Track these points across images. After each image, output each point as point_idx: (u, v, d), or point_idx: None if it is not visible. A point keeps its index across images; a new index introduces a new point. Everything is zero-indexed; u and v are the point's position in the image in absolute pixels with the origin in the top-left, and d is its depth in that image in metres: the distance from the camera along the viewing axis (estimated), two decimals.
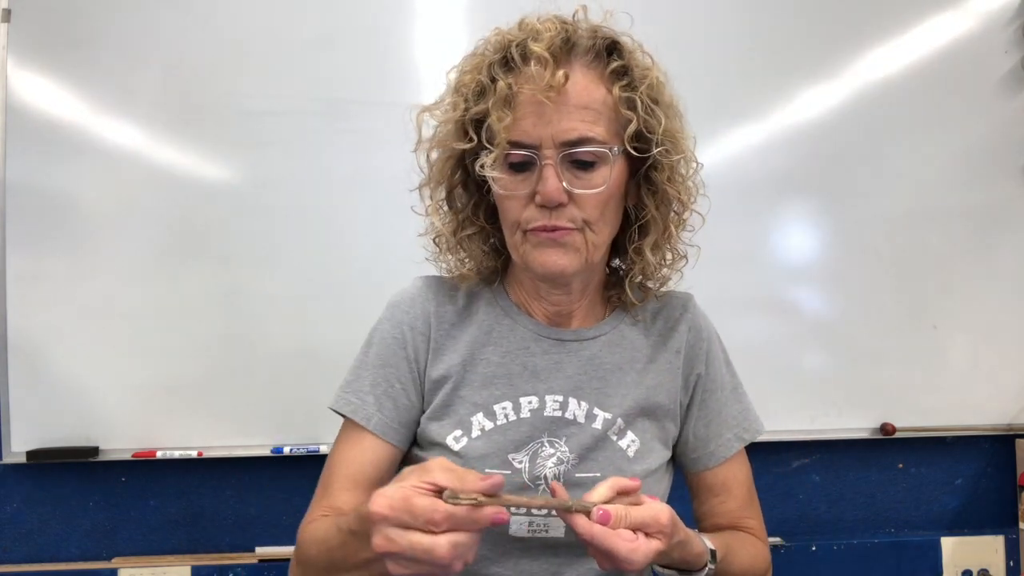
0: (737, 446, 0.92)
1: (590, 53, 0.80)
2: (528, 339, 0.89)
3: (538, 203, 0.78)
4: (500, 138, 0.77)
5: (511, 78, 0.78)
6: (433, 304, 0.90)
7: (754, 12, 1.66)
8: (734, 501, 0.93)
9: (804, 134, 1.66)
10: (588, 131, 0.78)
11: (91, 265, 1.52)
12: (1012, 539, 1.71)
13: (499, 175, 0.79)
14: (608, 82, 0.80)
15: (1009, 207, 1.71)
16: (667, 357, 0.91)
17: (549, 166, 0.77)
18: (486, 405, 0.86)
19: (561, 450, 0.84)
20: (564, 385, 0.87)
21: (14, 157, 1.50)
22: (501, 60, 0.80)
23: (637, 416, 0.88)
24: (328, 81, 1.56)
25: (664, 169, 0.83)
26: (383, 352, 0.88)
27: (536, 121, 0.77)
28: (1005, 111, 1.70)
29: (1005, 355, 1.71)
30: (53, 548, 1.58)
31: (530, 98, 0.77)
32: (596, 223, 0.81)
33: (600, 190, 0.79)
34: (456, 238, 0.89)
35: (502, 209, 0.83)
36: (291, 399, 1.54)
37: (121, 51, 1.52)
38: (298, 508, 0.85)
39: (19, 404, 1.50)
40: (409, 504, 0.60)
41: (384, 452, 0.86)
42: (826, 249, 1.69)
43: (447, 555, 0.59)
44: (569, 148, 0.78)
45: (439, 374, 0.87)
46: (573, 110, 0.78)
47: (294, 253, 1.55)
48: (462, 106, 0.81)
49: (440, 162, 0.87)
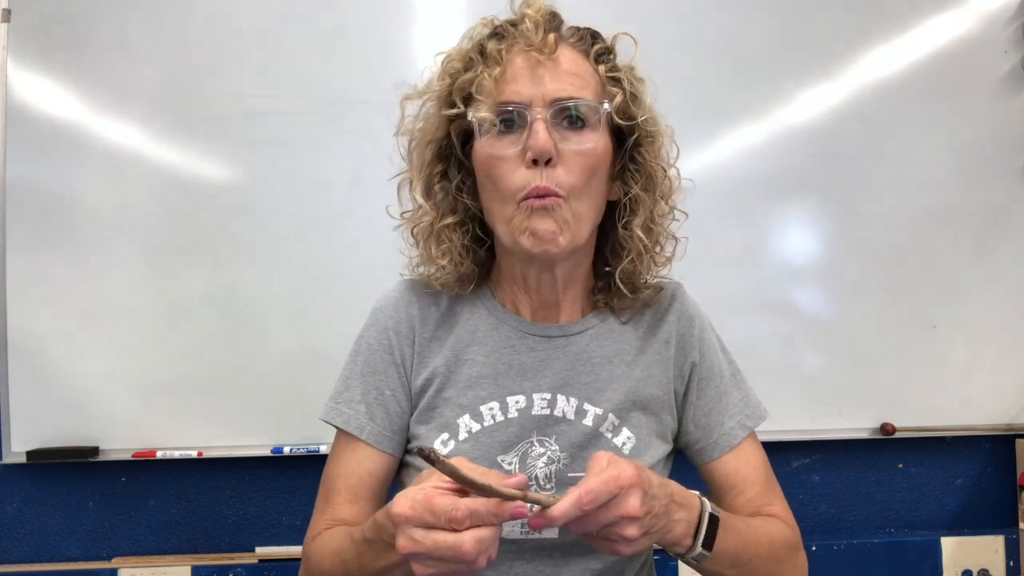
0: (741, 434, 0.89)
1: (575, 36, 0.83)
2: (513, 337, 0.87)
3: (528, 160, 0.77)
4: (491, 94, 0.77)
5: (502, 44, 0.79)
6: (416, 307, 0.89)
7: (754, 12, 1.66)
8: (751, 490, 0.88)
9: (804, 134, 1.66)
10: (578, 92, 0.79)
11: (91, 265, 1.52)
12: (1012, 539, 1.71)
13: (489, 125, 0.79)
14: (593, 62, 0.82)
15: (1009, 207, 1.71)
16: (657, 347, 0.89)
17: (539, 120, 0.77)
18: (472, 406, 0.84)
19: (551, 449, 0.83)
20: (552, 382, 0.85)
21: (14, 157, 1.50)
22: (491, 33, 0.82)
23: (630, 410, 0.86)
24: (328, 81, 1.56)
25: (648, 143, 0.83)
26: (371, 360, 0.87)
27: (527, 82, 0.78)
28: (1005, 111, 1.70)
29: (1005, 355, 1.71)
30: (53, 548, 1.58)
31: (522, 62, 0.79)
32: (580, 192, 0.79)
33: (589, 147, 0.79)
34: (435, 228, 0.86)
35: (492, 178, 0.80)
36: (291, 399, 1.54)
37: (121, 51, 1.53)
38: (298, 508, 0.86)
39: (19, 404, 1.50)
40: (431, 503, 0.60)
41: (380, 461, 0.86)
42: (826, 249, 1.69)
43: (472, 550, 0.59)
44: (560, 104, 0.78)
45: (424, 377, 0.86)
46: (563, 74, 0.79)
47: (294, 253, 1.55)
48: (448, 80, 0.82)
49: (421, 147, 0.86)
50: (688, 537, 0.72)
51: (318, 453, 1.54)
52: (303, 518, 0.83)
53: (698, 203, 0.91)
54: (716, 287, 1.58)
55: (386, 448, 0.86)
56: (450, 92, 0.81)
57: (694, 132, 1.62)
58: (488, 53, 0.79)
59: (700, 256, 0.94)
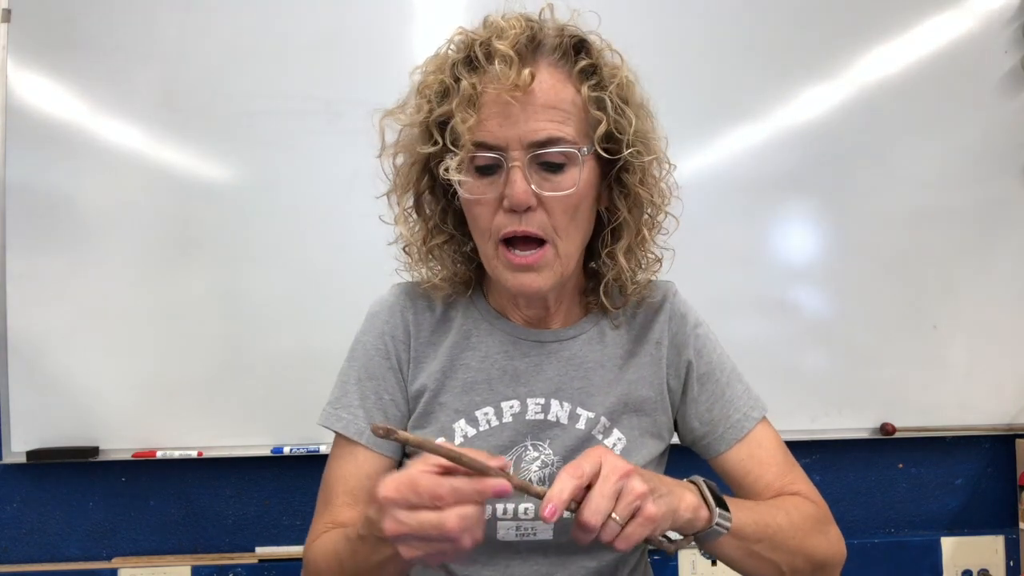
0: (748, 426, 0.88)
1: (556, 52, 0.78)
2: (507, 343, 0.87)
3: (506, 208, 0.76)
4: (465, 140, 0.74)
5: (475, 78, 0.75)
6: (411, 312, 0.89)
7: (754, 12, 1.65)
8: (769, 472, 0.86)
9: (804, 134, 1.66)
10: (557, 131, 0.75)
11: (91, 265, 1.52)
12: (1012, 539, 1.71)
13: (466, 179, 0.77)
14: (576, 81, 0.78)
15: (1009, 207, 1.70)
16: (648, 349, 0.89)
17: (516, 168, 0.75)
18: (467, 411, 0.85)
19: (545, 453, 0.84)
20: (545, 387, 0.86)
21: (14, 157, 1.50)
22: (465, 60, 0.77)
23: (622, 413, 0.86)
24: (328, 81, 1.56)
25: (636, 171, 0.80)
26: (368, 365, 0.88)
27: (502, 122, 0.75)
28: (1005, 111, 1.70)
29: (1005, 355, 1.71)
30: (53, 548, 1.58)
31: (495, 98, 0.75)
32: (565, 231, 0.78)
33: (570, 192, 0.76)
34: (426, 247, 0.87)
35: (471, 216, 0.81)
36: (291, 399, 1.54)
37: (121, 51, 1.53)
38: (298, 508, 0.86)
39: (19, 404, 1.50)
40: (414, 483, 0.60)
41: (380, 464, 0.86)
42: (826, 249, 1.69)
43: (456, 527, 0.59)
44: (537, 149, 0.75)
45: (421, 382, 0.87)
46: (540, 110, 0.75)
47: (294, 253, 1.55)
48: (426, 108, 0.79)
49: (406, 167, 0.85)
50: (702, 506, 0.71)
51: (318, 453, 1.54)
52: (303, 518, 0.83)
53: (698, 203, 0.92)
54: (716, 287, 1.58)
55: (385, 451, 0.86)
56: (427, 125, 0.79)
57: (694, 132, 1.62)
58: (463, 92, 0.75)
59: (700, 256, 0.94)
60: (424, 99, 0.79)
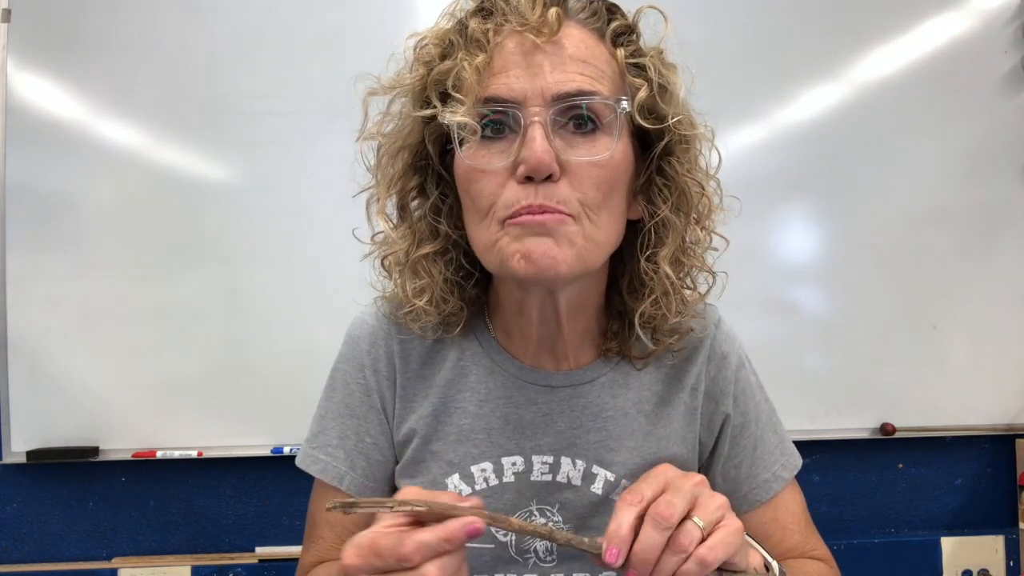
0: (777, 487, 0.77)
1: (586, 10, 0.65)
2: (511, 386, 0.73)
3: (520, 176, 0.60)
4: (472, 90, 0.60)
5: (489, 23, 0.62)
6: (397, 341, 0.75)
7: (754, 12, 1.66)
8: (791, 539, 0.77)
9: (804, 134, 1.66)
10: (589, 85, 0.61)
11: (91, 265, 1.52)
12: (1012, 539, 1.71)
13: (469, 136, 0.61)
14: (610, 44, 0.64)
15: (1009, 207, 1.71)
16: (683, 397, 0.75)
17: (536, 124, 0.59)
18: (462, 465, 0.72)
19: (554, 519, 0.72)
20: (554, 442, 0.72)
21: (14, 157, 1.50)
22: (476, 8, 0.64)
23: None
24: (328, 81, 1.56)
25: (683, 153, 0.67)
26: (348, 400, 0.76)
27: (521, 73, 0.60)
28: (1005, 111, 1.70)
29: (1005, 355, 1.71)
30: (53, 548, 1.58)
31: (514, 47, 0.61)
32: (596, 208, 0.62)
33: (604, 157, 0.61)
34: (410, 258, 0.71)
35: (470, 195, 0.63)
36: (291, 399, 1.53)
37: (121, 51, 1.53)
38: (298, 508, 0.85)
39: (19, 404, 1.50)
40: (375, 546, 0.52)
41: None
42: (826, 249, 1.69)
43: None
44: (564, 102, 0.60)
45: (409, 427, 0.74)
46: (569, 61, 0.61)
47: (294, 253, 1.55)
48: (422, 71, 0.65)
49: (390, 156, 0.71)
50: (761, 562, 0.63)
51: None
52: (303, 518, 0.83)
53: None
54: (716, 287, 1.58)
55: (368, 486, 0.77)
56: (424, 86, 0.65)
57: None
58: (470, 35, 0.62)
59: None
60: (421, 60, 0.66)
